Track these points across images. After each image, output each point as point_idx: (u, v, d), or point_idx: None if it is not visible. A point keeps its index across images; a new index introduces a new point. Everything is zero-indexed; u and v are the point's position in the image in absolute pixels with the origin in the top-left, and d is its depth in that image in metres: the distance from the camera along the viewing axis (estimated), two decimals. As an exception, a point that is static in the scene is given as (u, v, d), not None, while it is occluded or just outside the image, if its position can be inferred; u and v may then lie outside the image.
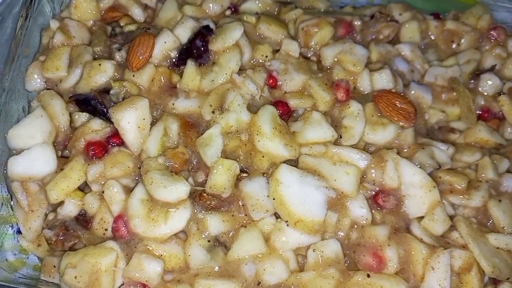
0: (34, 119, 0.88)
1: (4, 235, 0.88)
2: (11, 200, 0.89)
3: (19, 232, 0.89)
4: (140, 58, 0.91)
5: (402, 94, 0.98)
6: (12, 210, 0.89)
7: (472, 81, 1.09)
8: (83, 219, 0.83)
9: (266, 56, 0.98)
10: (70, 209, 0.84)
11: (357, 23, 1.09)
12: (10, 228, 0.89)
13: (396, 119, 0.93)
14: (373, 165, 0.89)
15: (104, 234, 0.83)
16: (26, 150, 0.86)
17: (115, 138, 0.88)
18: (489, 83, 1.07)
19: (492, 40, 1.15)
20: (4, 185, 0.89)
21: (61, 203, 0.85)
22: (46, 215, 0.86)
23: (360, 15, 1.12)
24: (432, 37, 1.14)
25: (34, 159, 0.85)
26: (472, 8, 1.20)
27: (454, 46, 1.15)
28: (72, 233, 0.81)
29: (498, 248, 0.88)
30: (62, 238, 0.81)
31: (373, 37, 1.09)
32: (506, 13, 1.23)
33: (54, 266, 0.82)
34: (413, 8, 1.17)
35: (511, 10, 1.23)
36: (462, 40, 1.15)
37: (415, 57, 1.08)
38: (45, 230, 0.83)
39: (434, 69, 1.07)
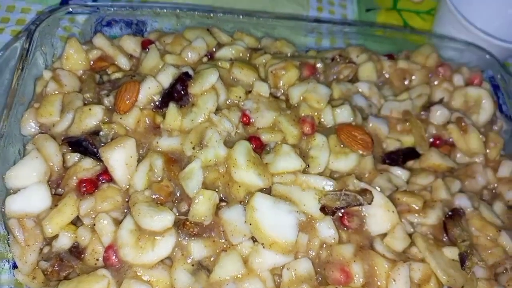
0: (30, 160, 0.96)
1: (1, 270, 0.94)
2: (8, 236, 0.95)
3: (14, 266, 0.94)
4: (127, 102, 1.01)
5: (361, 126, 1.11)
6: (9, 246, 0.95)
7: (423, 113, 1.23)
8: (76, 251, 0.90)
9: (240, 97, 1.10)
10: (64, 242, 0.91)
11: (320, 65, 1.23)
12: (7, 263, 0.95)
13: (355, 148, 1.04)
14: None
15: (95, 263, 0.90)
16: (23, 189, 0.93)
17: (105, 175, 0.97)
18: (438, 114, 1.21)
19: (440, 76, 1.30)
20: (0, 223, 0.96)
21: (56, 236, 0.91)
22: (41, 249, 0.93)
23: (322, 58, 1.26)
24: (387, 75, 1.29)
25: (30, 197, 0.92)
26: (421, 48, 1.36)
27: (406, 82, 1.29)
28: (66, 263, 0.88)
29: (453, 260, 0.99)
30: (57, 268, 0.87)
31: (335, 77, 1.23)
32: (451, 51, 1.39)
33: (49, 296, 0.89)
34: (369, 50, 1.32)
35: (455, 50, 1.39)
36: (413, 77, 1.29)
37: (372, 93, 1.21)
38: (41, 262, 0.89)
39: (389, 103, 1.20)
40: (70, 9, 1.19)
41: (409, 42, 1.41)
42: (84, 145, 0.97)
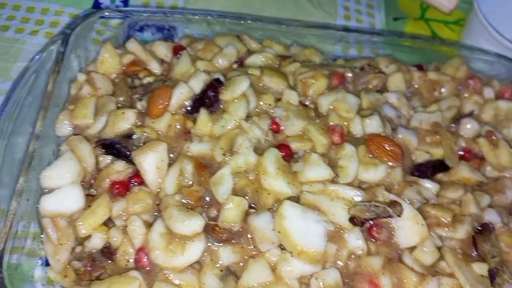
0: (64, 161, 0.98)
1: (35, 267, 0.96)
2: (41, 234, 0.97)
3: (46, 264, 0.97)
4: (159, 107, 1.03)
5: (390, 137, 1.10)
6: (42, 243, 0.97)
7: (453, 125, 1.21)
8: (108, 251, 0.92)
9: (270, 104, 1.10)
10: (96, 242, 0.93)
11: (349, 74, 1.22)
12: (39, 260, 0.98)
13: (385, 159, 1.04)
14: (367, 201, 0.99)
15: (126, 264, 0.91)
16: (57, 189, 0.95)
17: (136, 178, 0.98)
18: (468, 127, 1.19)
19: (470, 88, 1.29)
20: (35, 221, 0.98)
21: (88, 237, 0.93)
22: (73, 248, 0.95)
23: (351, 67, 1.26)
24: (416, 86, 1.28)
25: (64, 198, 0.94)
26: (451, 60, 1.35)
27: (436, 94, 1.28)
28: (98, 264, 0.89)
29: (482, 276, 0.97)
30: (90, 268, 0.89)
31: (363, 86, 1.22)
32: (480, 63, 1.38)
33: (80, 295, 0.90)
34: (398, 61, 1.31)
35: (485, 62, 1.37)
36: (443, 89, 1.28)
37: (401, 104, 1.20)
38: (74, 261, 0.91)
39: (418, 114, 1.19)
40: (106, 13, 1.21)
41: (438, 53, 1.40)
42: (118, 147, 0.99)
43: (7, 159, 1.01)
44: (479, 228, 1.03)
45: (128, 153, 0.99)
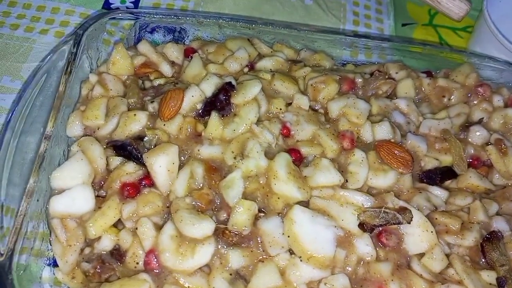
0: (75, 162, 0.98)
1: (43, 267, 0.96)
2: (50, 235, 0.97)
3: (54, 265, 0.97)
4: (172, 109, 1.03)
5: (400, 143, 1.10)
6: (50, 244, 0.97)
7: (462, 132, 1.21)
8: (117, 253, 0.92)
9: (280, 109, 1.10)
10: (106, 244, 0.93)
11: (359, 80, 1.23)
12: (47, 261, 0.98)
13: (395, 166, 1.04)
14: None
15: (135, 267, 0.92)
16: (67, 190, 0.95)
17: (147, 180, 0.98)
18: (477, 134, 1.19)
19: (479, 96, 1.29)
20: (44, 221, 0.98)
21: (98, 238, 0.93)
22: (81, 250, 0.95)
23: (361, 73, 1.26)
24: (426, 93, 1.28)
25: (74, 199, 0.94)
26: (460, 67, 1.35)
27: (445, 100, 1.28)
28: (108, 266, 0.89)
29: (490, 284, 0.97)
30: (99, 270, 0.89)
31: (373, 92, 1.22)
32: (490, 71, 1.38)
33: (89, 297, 0.90)
34: (408, 67, 1.31)
35: (495, 69, 1.37)
36: (452, 96, 1.28)
37: (410, 110, 1.20)
38: (83, 263, 0.91)
39: (428, 121, 1.19)
40: (119, 14, 1.21)
41: (447, 59, 1.40)
42: (129, 149, 0.99)
43: (18, 158, 1.01)
44: (488, 236, 1.03)
45: (139, 155, 0.99)
